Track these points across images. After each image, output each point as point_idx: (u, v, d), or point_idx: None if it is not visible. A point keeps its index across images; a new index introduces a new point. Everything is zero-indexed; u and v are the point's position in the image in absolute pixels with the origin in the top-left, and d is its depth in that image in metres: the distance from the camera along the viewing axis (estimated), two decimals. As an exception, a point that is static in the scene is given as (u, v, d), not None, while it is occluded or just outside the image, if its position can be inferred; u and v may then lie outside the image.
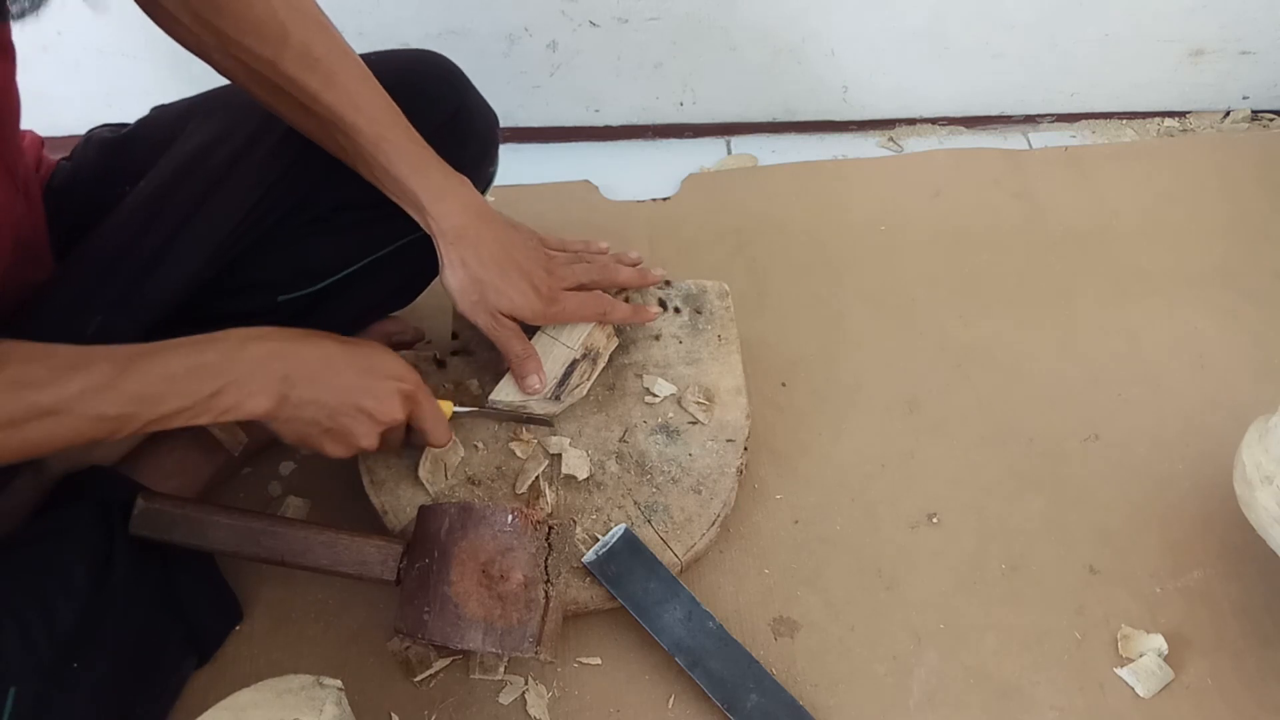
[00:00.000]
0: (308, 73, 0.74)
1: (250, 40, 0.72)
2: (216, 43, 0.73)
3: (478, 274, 0.82)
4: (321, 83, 0.75)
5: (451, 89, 0.90)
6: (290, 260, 0.87)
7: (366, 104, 0.77)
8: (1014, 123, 1.40)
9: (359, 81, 0.78)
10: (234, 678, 0.84)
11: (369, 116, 0.77)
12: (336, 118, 0.76)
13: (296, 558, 0.79)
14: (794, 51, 1.28)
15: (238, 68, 0.75)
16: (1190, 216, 1.25)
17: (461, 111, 0.90)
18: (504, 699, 0.84)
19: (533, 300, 0.84)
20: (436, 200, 0.80)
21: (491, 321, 0.84)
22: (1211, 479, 0.99)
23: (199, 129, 0.83)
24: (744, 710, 0.81)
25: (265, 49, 0.73)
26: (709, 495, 0.89)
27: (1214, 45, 1.32)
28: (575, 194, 1.26)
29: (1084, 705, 0.85)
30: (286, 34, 0.73)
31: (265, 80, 0.75)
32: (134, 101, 0.87)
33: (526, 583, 0.75)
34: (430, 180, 0.80)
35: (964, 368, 1.09)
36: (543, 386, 0.88)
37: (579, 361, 0.90)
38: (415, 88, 0.86)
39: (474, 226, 0.82)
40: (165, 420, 0.67)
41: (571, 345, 0.90)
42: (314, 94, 0.75)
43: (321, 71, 0.75)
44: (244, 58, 0.73)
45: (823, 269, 1.18)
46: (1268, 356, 1.10)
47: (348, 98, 0.76)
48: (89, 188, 0.83)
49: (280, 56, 0.73)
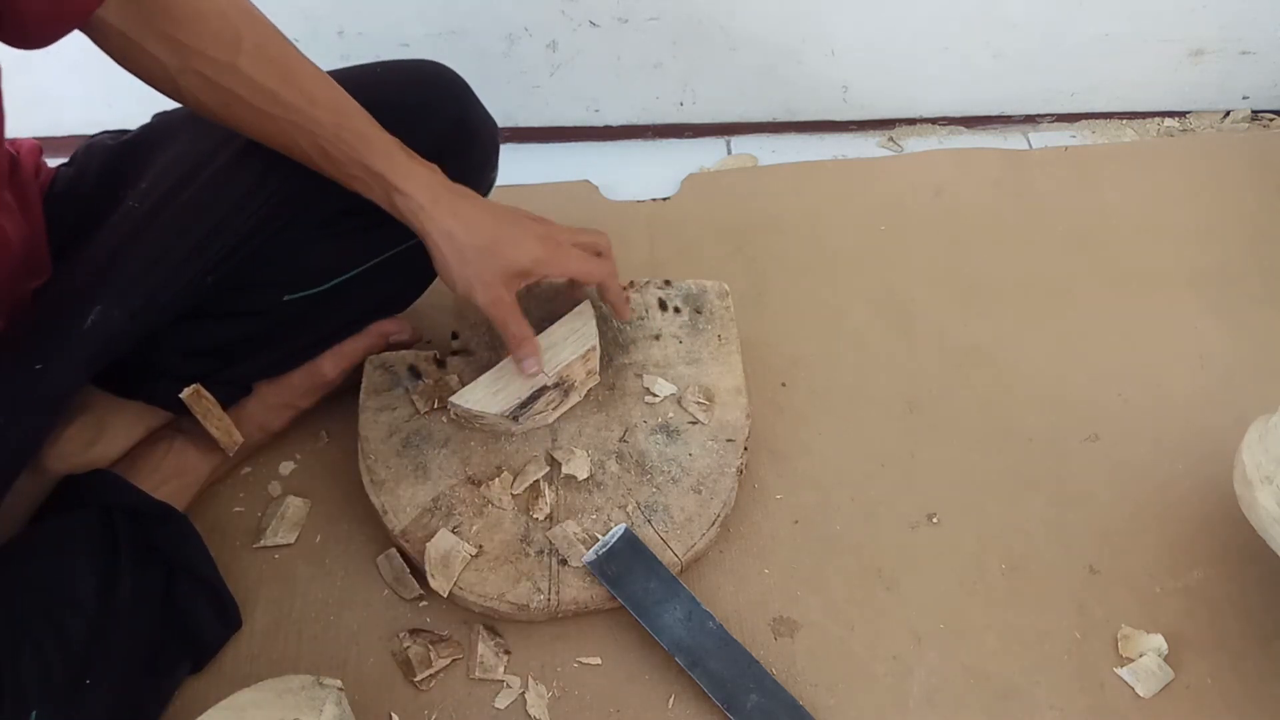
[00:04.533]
0: (265, 71, 0.75)
1: (208, 47, 0.73)
2: (176, 59, 0.73)
3: (470, 242, 0.80)
4: (279, 80, 0.75)
5: (454, 99, 0.91)
6: (295, 262, 0.88)
7: (324, 97, 0.77)
8: (1014, 123, 1.40)
9: (314, 78, 0.78)
10: (234, 678, 0.84)
11: (328, 108, 0.77)
12: (296, 113, 0.76)
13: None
14: (794, 51, 1.28)
15: (196, 82, 0.74)
16: (1190, 216, 1.25)
17: (464, 121, 0.91)
18: (504, 699, 0.84)
19: (534, 249, 0.82)
20: (405, 178, 0.78)
21: (489, 295, 0.81)
22: (1211, 479, 0.99)
23: (197, 135, 0.83)
24: (744, 710, 0.81)
25: (222, 53, 0.73)
26: (709, 495, 0.89)
27: (1214, 45, 1.32)
28: (575, 194, 1.26)
29: (1084, 705, 0.85)
30: (241, 37, 0.74)
31: (224, 90, 0.75)
32: (134, 102, 0.87)
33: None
34: (395, 161, 0.79)
35: (964, 368, 1.09)
36: (540, 372, 0.87)
37: (549, 389, 0.89)
38: (418, 97, 0.87)
39: (448, 197, 0.80)
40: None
41: (547, 370, 0.89)
42: (272, 92, 0.75)
43: (278, 70, 0.75)
44: (202, 67, 0.73)
45: (823, 269, 1.18)
46: (1268, 356, 1.10)
47: (305, 94, 0.76)
48: (90, 194, 0.83)
49: (237, 59, 0.73)
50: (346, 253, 0.90)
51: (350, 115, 0.78)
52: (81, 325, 0.75)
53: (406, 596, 0.89)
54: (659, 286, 1.01)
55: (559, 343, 0.91)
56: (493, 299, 0.82)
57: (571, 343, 0.91)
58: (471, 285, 0.81)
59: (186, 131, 0.85)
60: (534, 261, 0.82)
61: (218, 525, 0.93)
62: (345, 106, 0.78)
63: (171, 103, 0.88)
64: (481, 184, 0.95)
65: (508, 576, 0.84)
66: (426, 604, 0.89)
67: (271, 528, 0.93)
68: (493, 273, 0.81)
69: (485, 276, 0.81)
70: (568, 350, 0.90)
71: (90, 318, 0.75)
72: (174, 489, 0.88)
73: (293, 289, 0.89)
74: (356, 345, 0.96)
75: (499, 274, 0.81)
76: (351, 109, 0.78)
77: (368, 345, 0.96)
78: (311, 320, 0.92)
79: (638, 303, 1.00)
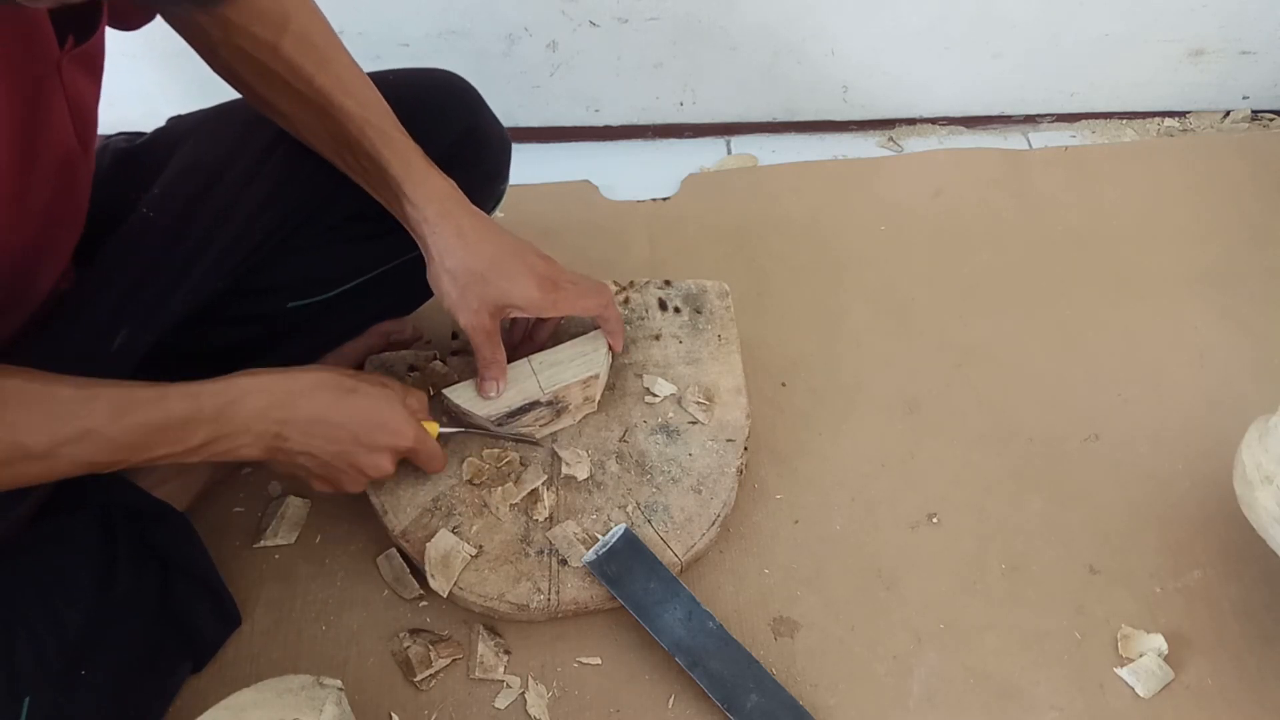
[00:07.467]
0: (304, 56, 0.75)
1: (254, 25, 0.74)
2: (222, 33, 0.74)
3: (467, 264, 0.79)
4: (316, 66, 0.76)
5: (465, 108, 0.91)
6: (303, 268, 0.88)
7: (356, 90, 0.78)
8: (1014, 123, 1.40)
9: (351, 70, 0.79)
10: (234, 678, 0.84)
11: (358, 101, 0.77)
12: (327, 100, 0.76)
13: None
14: (794, 51, 1.28)
15: (237, 57, 0.75)
16: (1190, 216, 1.25)
17: (475, 130, 0.91)
18: (504, 699, 0.84)
19: (530, 289, 0.81)
20: (417, 186, 0.78)
21: (472, 320, 0.81)
22: (1211, 479, 0.99)
23: (213, 141, 0.84)
24: (744, 710, 0.81)
25: (267, 33, 0.74)
26: (709, 495, 0.89)
27: (1214, 45, 1.32)
28: (575, 194, 1.26)
29: (1084, 705, 0.85)
30: (288, 19, 0.75)
31: (263, 67, 0.75)
32: (135, 102, 0.87)
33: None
34: (412, 168, 0.78)
35: (964, 368, 1.09)
36: (498, 395, 0.86)
37: (540, 405, 0.89)
38: (430, 105, 0.87)
39: (456, 213, 0.80)
40: (152, 461, 0.67)
41: (544, 386, 0.88)
42: (309, 77, 0.76)
43: (317, 55, 0.76)
44: (244, 42, 0.74)
45: (823, 269, 1.18)
46: (1268, 356, 1.10)
47: (339, 82, 0.77)
48: (104, 197, 0.83)
49: (280, 41, 0.74)
50: (352, 261, 0.90)
51: (378, 113, 0.78)
52: (109, 348, 0.76)
53: (406, 596, 0.89)
54: (659, 286, 1.01)
55: (564, 362, 0.90)
56: (475, 324, 0.81)
57: (576, 365, 0.90)
58: (457, 306, 0.81)
59: (201, 136, 0.85)
60: (526, 301, 0.81)
61: (218, 525, 0.93)
62: (375, 104, 0.79)
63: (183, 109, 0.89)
64: (491, 194, 0.96)
65: (508, 576, 0.84)
66: (426, 604, 0.89)
67: (271, 528, 0.93)
68: (480, 299, 0.80)
69: (472, 301, 0.80)
70: (570, 372, 0.89)
71: (118, 340, 0.76)
72: (174, 489, 0.88)
73: (299, 296, 0.89)
74: (357, 345, 0.96)
75: (487, 301, 0.80)
76: (380, 108, 0.79)
77: (368, 345, 0.97)
78: (316, 326, 0.92)
79: (638, 303, 1.00)
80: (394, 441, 0.77)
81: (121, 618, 0.76)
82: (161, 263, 0.78)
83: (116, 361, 0.76)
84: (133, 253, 0.79)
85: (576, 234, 1.20)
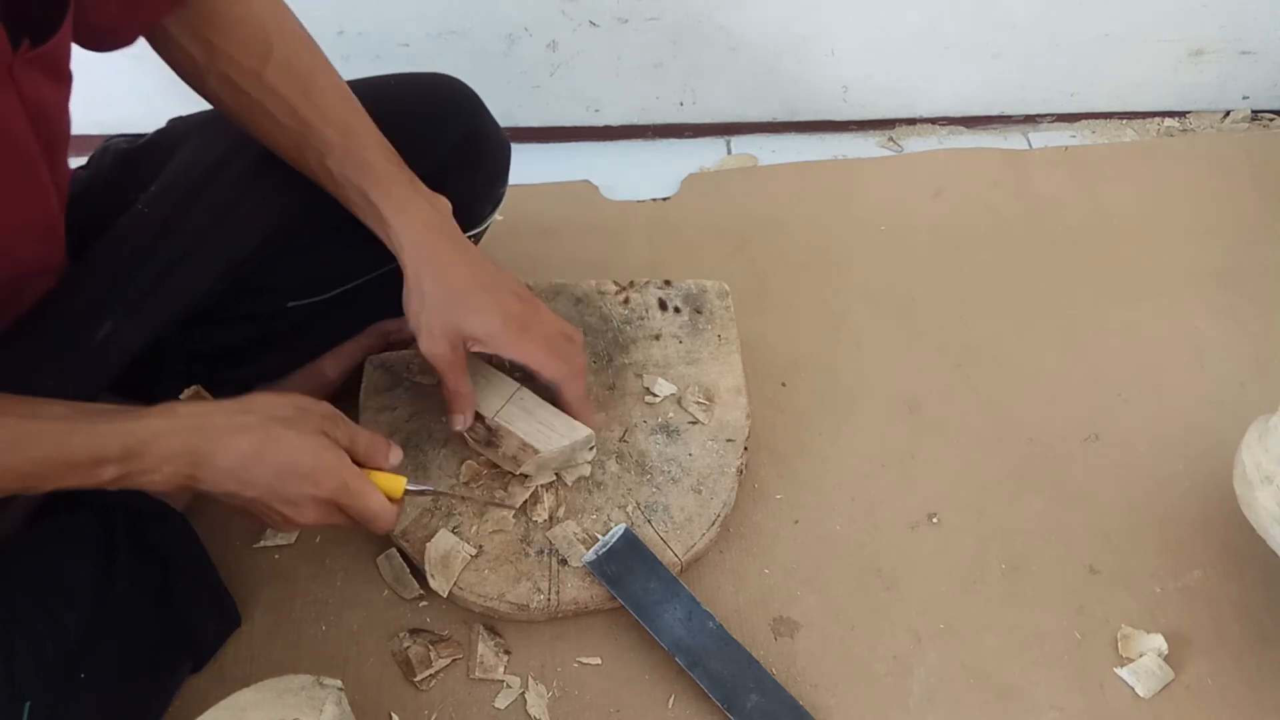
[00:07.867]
0: (287, 84, 0.75)
1: (237, 52, 0.74)
2: (206, 58, 0.74)
3: (434, 291, 0.78)
4: (299, 94, 0.76)
5: (465, 112, 0.91)
6: (305, 268, 0.88)
7: (339, 118, 0.77)
8: (1014, 123, 1.40)
9: (336, 97, 0.78)
10: (234, 678, 0.84)
11: (339, 129, 0.77)
12: (308, 128, 0.76)
13: None
14: (794, 51, 1.28)
15: (221, 84, 0.75)
16: (1190, 216, 1.25)
17: (475, 135, 0.91)
18: (504, 699, 0.84)
19: (492, 322, 0.79)
20: (396, 212, 0.77)
21: (433, 347, 0.79)
22: (1211, 479, 0.99)
23: (211, 141, 0.84)
24: (744, 710, 0.81)
25: (250, 60, 0.74)
26: (709, 495, 0.89)
27: (1214, 45, 1.32)
28: (575, 194, 1.26)
29: (1084, 705, 0.85)
30: (271, 46, 0.75)
31: (245, 95, 0.75)
32: (135, 102, 0.87)
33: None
34: (393, 194, 0.78)
35: (964, 368, 1.09)
36: (465, 427, 0.85)
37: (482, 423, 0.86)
38: (430, 110, 0.87)
39: (433, 241, 0.78)
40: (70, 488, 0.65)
41: (497, 412, 0.85)
42: (291, 105, 0.75)
43: (301, 84, 0.76)
44: (229, 70, 0.74)
45: (823, 269, 1.18)
46: (1268, 356, 1.10)
47: (320, 110, 0.76)
48: (104, 197, 0.83)
49: (264, 68, 0.74)
50: (353, 262, 0.90)
51: (360, 139, 0.78)
52: (92, 340, 0.75)
53: (406, 596, 0.89)
54: (659, 286, 1.01)
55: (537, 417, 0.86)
56: (436, 352, 0.80)
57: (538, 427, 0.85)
58: (420, 330, 0.79)
59: (201, 137, 0.85)
60: (489, 335, 0.79)
61: (218, 525, 0.92)
62: (357, 129, 0.78)
63: (183, 109, 0.89)
64: (490, 198, 0.96)
65: (508, 576, 0.84)
66: (426, 604, 0.89)
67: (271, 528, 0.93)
68: (443, 327, 0.79)
69: (435, 328, 0.79)
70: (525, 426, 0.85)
71: (101, 332, 0.76)
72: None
73: (298, 296, 0.89)
74: (357, 345, 0.96)
75: (448, 331, 0.79)
76: (364, 133, 0.78)
77: (368, 345, 0.97)
78: (315, 326, 0.92)
79: (638, 303, 1.00)
80: (314, 492, 0.72)
81: (121, 619, 0.75)
82: (149, 256, 0.78)
83: (102, 354, 0.76)
84: (121, 245, 0.78)
85: (576, 234, 1.20)
